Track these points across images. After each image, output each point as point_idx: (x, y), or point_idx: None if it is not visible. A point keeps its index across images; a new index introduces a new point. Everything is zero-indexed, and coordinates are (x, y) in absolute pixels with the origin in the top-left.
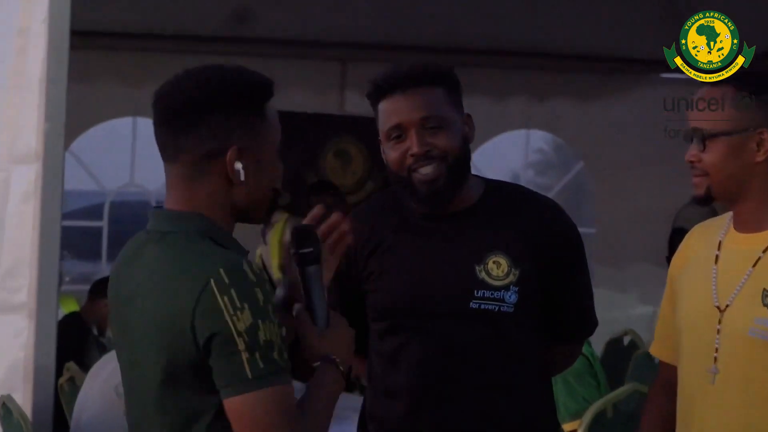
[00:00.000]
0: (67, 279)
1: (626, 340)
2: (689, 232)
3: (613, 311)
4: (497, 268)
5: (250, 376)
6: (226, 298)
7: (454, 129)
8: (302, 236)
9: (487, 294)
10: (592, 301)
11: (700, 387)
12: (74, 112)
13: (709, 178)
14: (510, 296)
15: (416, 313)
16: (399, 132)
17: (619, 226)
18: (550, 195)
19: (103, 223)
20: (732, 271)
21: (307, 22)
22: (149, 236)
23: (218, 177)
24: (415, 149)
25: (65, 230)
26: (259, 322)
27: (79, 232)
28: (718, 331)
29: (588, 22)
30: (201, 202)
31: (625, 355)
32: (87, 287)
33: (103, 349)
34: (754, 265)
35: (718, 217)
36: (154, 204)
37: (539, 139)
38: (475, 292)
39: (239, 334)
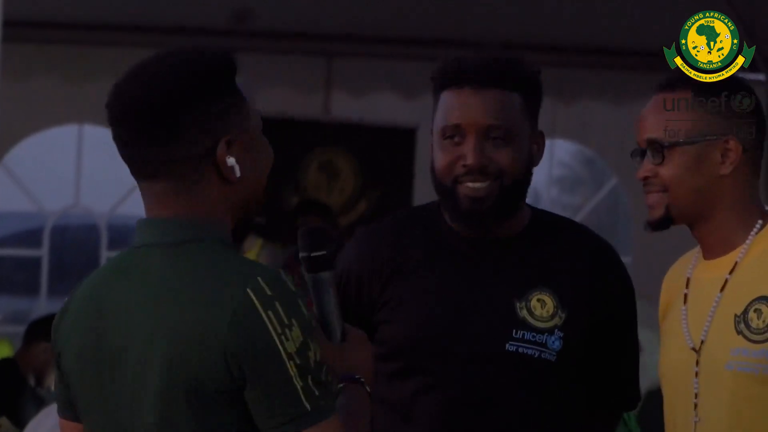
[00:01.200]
0: None
1: None
2: (666, 276)
3: (654, 356)
4: (541, 306)
5: (308, 408)
6: (270, 313)
7: (521, 146)
8: (313, 237)
9: (528, 336)
10: (638, 370)
11: None
12: (7, 118)
13: (668, 195)
14: (554, 341)
15: (438, 353)
16: (456, 133)
17: (661, 253)
18: (578, 217)
19: (43, 252)
20: (701, 303)
21: (286, 10)
22: (148, 250)
23: (213, 179)
24: (470, 160)
25: None
26: (309, 340)
27: (13, 263)
28: (696, 374)
29: (623, 12)
30: (203, 212)
31: None
32: (23, 328)
33: (40, 403)
34: (722, 290)
35: (690, 252)
36: (104, 229)
37: (565, 149)
38: (514, 332)
39: (290, 357)
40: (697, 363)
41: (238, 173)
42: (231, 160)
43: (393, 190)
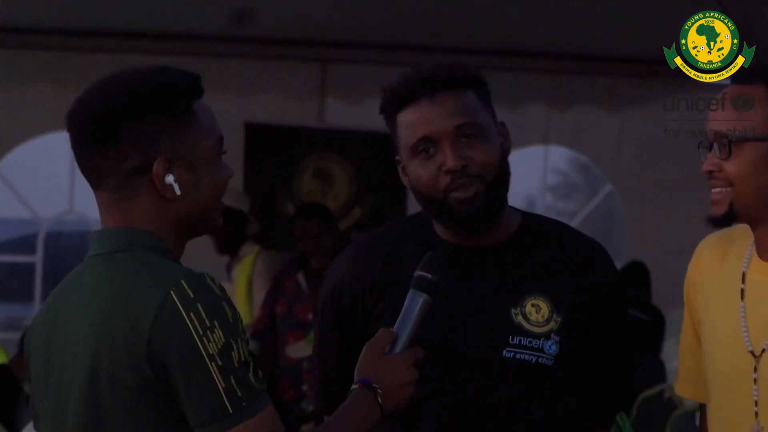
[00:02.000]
0: None
1: (663, 397)
2: (701, 245)
3: None
4: (536, 312)
5: (230, 409)
6: (192, 314)
7: (492, 138)
8: (436, 264)
9: (524, 342)
10: (633, 370)
11: None
12: (1, 124)
13: (732, 191)
14: (550, 346)
15: (436, 362)
16: (428, 145)
17: (656, 261)
18: (573, 223)
19: (37, 258)
20: (764, 307)
21: (281, 17)
22: (91, 260)
23: (151, 195)
24: (450, 163)
25: None
26: (232, 341)
27: (7, 269)
28: (755, 381)
29: (618, 19)
30: (139, 224)
31: (661, 416)
32: (17, 335)
33: None
34: None
35: (733, 231)
36: None
37: (560, 156)
38: (510, 338)
39: (211, 357)
40: (755, 369)
41: (177, 191)
42: (170, 178)
43: (387, 197)
